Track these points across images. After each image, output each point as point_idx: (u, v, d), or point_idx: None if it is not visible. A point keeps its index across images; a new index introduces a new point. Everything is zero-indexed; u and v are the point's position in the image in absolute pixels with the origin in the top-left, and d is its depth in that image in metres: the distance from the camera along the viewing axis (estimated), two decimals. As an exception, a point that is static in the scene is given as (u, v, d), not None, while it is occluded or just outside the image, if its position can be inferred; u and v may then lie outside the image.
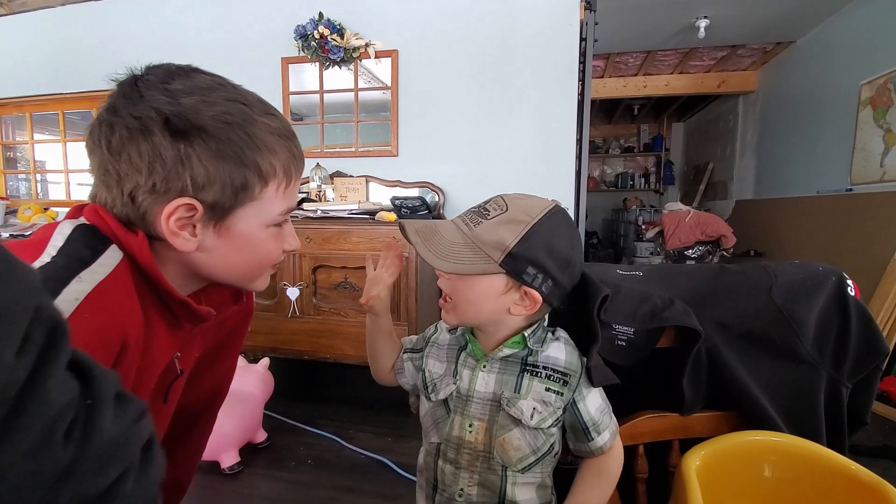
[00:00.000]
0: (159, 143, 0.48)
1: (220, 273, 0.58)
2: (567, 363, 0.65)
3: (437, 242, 0.62)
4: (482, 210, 0.63)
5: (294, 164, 0.58)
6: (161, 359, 0.55)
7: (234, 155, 0.51)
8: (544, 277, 0.61)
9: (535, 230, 0.60)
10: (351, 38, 2.46)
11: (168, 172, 0.49)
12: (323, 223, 2.09)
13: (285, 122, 0.58)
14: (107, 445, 0.27)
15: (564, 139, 2.37)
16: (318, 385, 2.40)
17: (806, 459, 0.69)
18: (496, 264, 0.60)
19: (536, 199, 0.64)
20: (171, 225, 0.51)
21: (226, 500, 1.49)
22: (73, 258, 0.47)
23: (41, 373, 0.24)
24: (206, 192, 0.51)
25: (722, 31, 3.47)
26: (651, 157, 6.55)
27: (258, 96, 0.57)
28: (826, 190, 3.23)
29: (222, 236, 0.54)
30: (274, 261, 0.62)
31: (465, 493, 0.65)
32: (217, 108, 0.51)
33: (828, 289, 0.79)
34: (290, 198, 0.59)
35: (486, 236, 0.60)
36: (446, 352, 0.71)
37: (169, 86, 0.50)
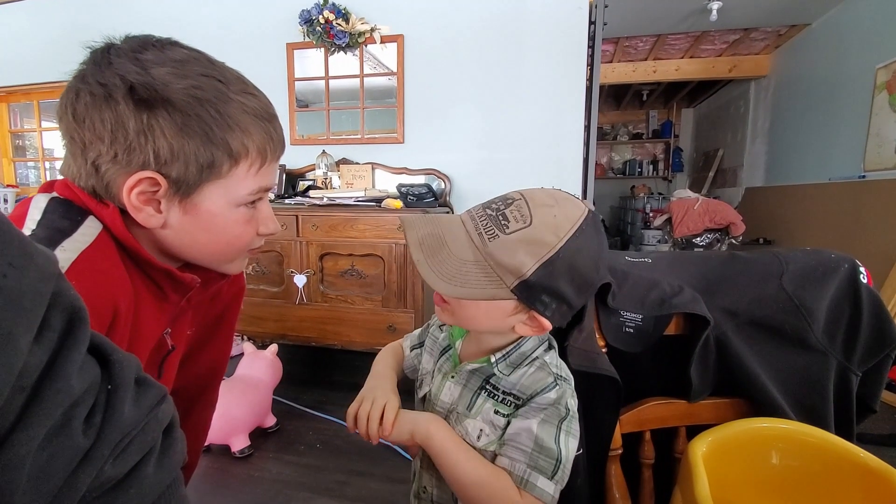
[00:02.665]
0: (122, 111, 0.47)
1: (189, 252, 0.57)
2: (523, 386, 0.57)
3: (443, 260, 0.53)
4: (500, 217, 0.53)
5: (270, 145, 0.56)
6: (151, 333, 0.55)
7: (202, 131, 0.49)
8: (559, 305, 0.54)
9: (560, 256, 0.51)
10: (356, 23, 2.43)
11: (130, 143, 0.48)
12: (329, 210, 2.09)
13: (266, 102, 0.56)
14: (127, 430, 0.27)
15: (572, 125, 2.35)
16: (325, 371, 2.43)
17: (814, 447, 0.69)
18: (507, 289, 0.52)
19: (566, 203, 0.53)
20: (133, 199, 0.49)
21: (237, 482, 1.52)
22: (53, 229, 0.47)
23: (60, 359, 0.24)
24: (169, 166, 0.49)
25: (735, 14, 3.39)
26: (660, 143, 6.47)
27: (240, 75, 0.55)
28: (839, 177, 3.17)
29: (188, 213, 0.53)
30: (246, 244, 0.59)
31: (427, 490, 0.65)
32: (187, 81, 0.49)
33: (840, 276, 0.78)
34: (263, 178, 0.56)
35: (501, 257, 0.51)
36: (438, 347, 0.69)
37: (140, 55, 0.49)
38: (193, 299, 0.62)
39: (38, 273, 0.23)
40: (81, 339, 0.26)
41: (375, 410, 0.59)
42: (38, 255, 0.24)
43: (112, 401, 0.27)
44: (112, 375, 0.28)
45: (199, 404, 0.78)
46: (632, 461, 0.78)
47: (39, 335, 0.23)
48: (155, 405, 0.30)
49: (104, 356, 0.28)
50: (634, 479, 0.78)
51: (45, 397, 0.24)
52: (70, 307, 0.25)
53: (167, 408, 0.31)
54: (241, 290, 0.75)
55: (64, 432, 0.24)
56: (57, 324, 0.25)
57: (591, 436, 0.72)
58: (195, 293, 0.61)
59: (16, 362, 0.22)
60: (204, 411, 0.80)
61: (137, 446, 0.28)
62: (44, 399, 0.24)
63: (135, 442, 0.28)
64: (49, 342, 0.24)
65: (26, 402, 0.23)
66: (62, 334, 0.25)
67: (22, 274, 0.22)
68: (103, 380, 0.27)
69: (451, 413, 0.61)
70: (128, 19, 2.75)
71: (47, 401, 0.24)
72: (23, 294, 0.22)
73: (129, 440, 0.27)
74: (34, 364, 0.23)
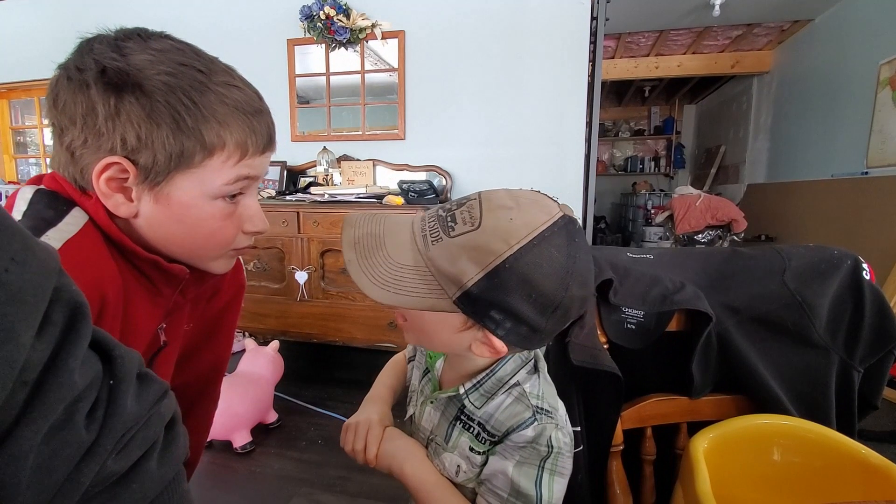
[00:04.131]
0: (94, 95, 0.47)
1: (167, 246, 0.55)
2: (497, 422, 0.51)
3: (377, 263, 0.47)
4: (449, 219, 0.47)
5: (252, 139, 0.54)
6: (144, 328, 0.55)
7: (171, 119, 0.48)
8: (515, 324, 0.46)
9: (508, 267, 0.43)
10: (357, 19, 2.42)
11: (99, 127, 0.48)
12: (330, 207, 2.09)
13: (252, 96, 0.54)
14: (129, 425, 0.27)
15: (574, 121, 2.34)
16: (327, 367, 2.43)
17: (815, 443, 0.69)
18: (449, 301, 0.45)
19: (530, 207, 0.46)
20: (101, 184, 0.49)
21: (238, 477, 1.52)
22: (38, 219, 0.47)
23: (62, 354, 0.24)
24: (137, 153, 0.48)
25: (738, 9, 3.37)
26: (661, 140, 6.45)
27: (229, 68, 0.54)
28: (841, 173, 3.16)
29: (160, 203, 0.51)
30: (226, 242, 0.57)
31: None
32: (162, 67, 0.48)
33: (842, 272, 0.78)
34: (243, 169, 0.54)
35: (441, 262, 0.45)
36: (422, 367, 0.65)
37: (123, 43, 0.49)
38: (189, 294, 0.61)
39: (40, 268, 0.23)
40: (83, 334, 0.26)
41: (359, 440, 0.58)
42: (39, 250, 0.24)
43: (114, 396, 0.27)
44: (114, 370, 0.28)
45: (201, 402, 0.78)
46: (633, 457, 0.78)
47: (41, 330, 0.23)
48: (157, 401, 0.30)
49: (106, 351, 0.28)
50: (636, 475, 0.78)
51: (48, 392, 0.24)
52: (72, 302, 0.25)
53: (169, 403, 0.31)
54: (241, 287, 0.74)
55: (66, 427, 0.24)
56: (59, 319, 0.25)
57: (593, 432, 0.72)
58: (190, 288, 0.60)
59: (18, 357, 0.22)
60: (206, 408, 0.80)
61: (140, 441, 0.28)
62: (46, 394, 0.24)
63: (137, 437, 0.28)
64: (51, 337, 0.24)
65: (29, 396, 0.23)
66: (64, 329, 0.25)
67: (24, 269, 0.22)
68: (105, 375, 0.27)
69: (431, 442, 0.58)
70: (129, 15, 2.74)
71: (50, 396, 0.24)
72: (25, 289, 0.22)
73: (131, 435, 0.27)
74: (36, 359, 0.23)
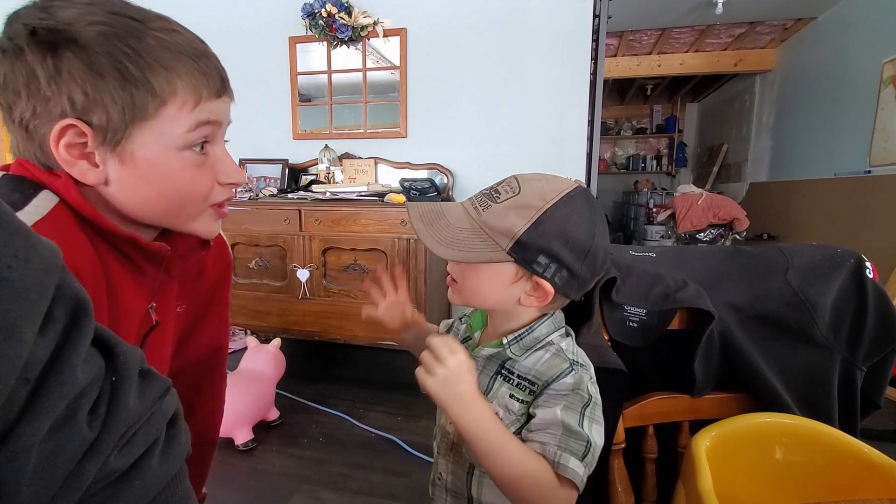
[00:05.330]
0: (30, 59, 0.45)
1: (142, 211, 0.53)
2: (538, 372, 0.58)
3: (441, 228, 0.58)
4: (493, 192, 0.59)
5: (204, 81, 0.52)
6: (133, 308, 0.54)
7: (116, 71, 0.46)
8: (558, 267, 0.56)
9: (549, 216, 0.55)
10: (359, 16, 2.42)
11: (43, 92, 0.45)
12: (332, 205, 2.09)
13: (193, 38, 0.53)
14: (131, 422, 0.27)
15: (576, 120, 2.33)
16: (328, 365, 2.44)
17: (817, 441, 0.69)
18: (504, 252, 0.55)
19: (554, 179, 0.59)
20: (61, 152, 0.47)
21: (240, 474, 1.53)
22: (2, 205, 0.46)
23: (64, 351, 0.24)
24: (90, 112, 0.47)
25: (740, 7, 3.36)
26: (664, 138, 6.43)
27: (162, 15, 0.52)
28: (844, 172, 3.15)
29: (126, 164, 0.49)
30: (203, 195, 0.55)
31: (442, 477, 0.67)
32: (93, 17, 0.46)
33: (845, 271, 0.78)
34: (202, 113, 0.52)
35: (494, 222, 0.56)
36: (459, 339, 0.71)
37: (48, 3, 0.46)
38: (174, 271, 0.59)
39: (42, 265, 0.23)
40: (86, 332, 0.26)
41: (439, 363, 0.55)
42: (42, 247, 0.24)
43: (116, 393, 0.27)
44: (116, 367, 0.28)
45: (208, 382, 0.77)
46: (635, 455, 0.78)
47: (44, 327, 0.23)
48: (159, 397, 0.30)
49: (108, 348, 0.28)
50: (637, 473, 0.78)
51: (50, 389, 0.24)
52: (74, 299, 0.25)
53: (171, 400, 0.31)
54: (228, 265, 0.73)
55: (69, 424, 0.24)
56: (61, 316, 0.24)
57: (594, 430, 0.72)
58: (175, 264, 0.58)
59: (21, 354, 0.22)
60: (215, 389, 0.80)
61: (142, 438, 0.28)
62: (49, 391, 0.24)
63: (139, 434, 0.28)
64: (54, 334, 0.24)
65: (31, 393, 0.23)
66: (66, 326, 0.25)
67: (26, 266, 0.22)
68: (107, 372, 0.27)
69: None
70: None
71: (52, 392, 0.24)
72: (27, 286, 0.22)
73: (133, 432, 0.28)
74: (39, 356, 0.23)
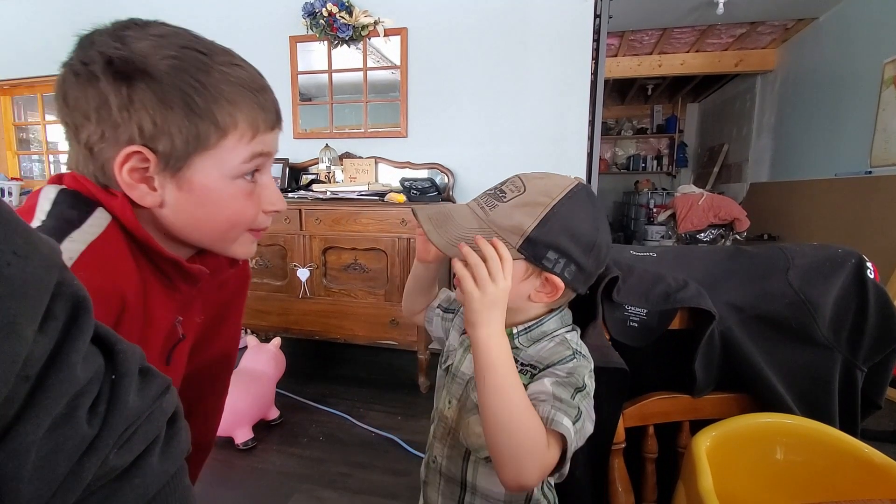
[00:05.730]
0: (104, 87, 0.47)
1: (191, 233, 0.55)
2: (541, 357, 0.60)
3: (450, 229, 0.59)
4: (498, 192, 0.60)
5: (262, 115, 0.54)
6: (163, 322, 0.55)
7: (183, 102, 0.49)
8: (566, 262, 0.57)
9: (555, 212, 0.56)
10: (360, 16, 2.42)
11: (114, 119, 0.48)
12: (332, 204, 2.09)
13: (254, 73, 0.55)
14: (131, 420, 0.27)
15: (576, 120, 2.33)
16: (328, 364, 2.44)
17: (818, 442, 0.69)
18: (514, 249, 0.56)
19: (556, 177, 0.60)
20: (124, 176, 0.49)
21: (240, 474, 1.53)
22: (62, 220, 0.47)
23: (64, 348, 0.24)
24: (156, 140, 0.49)
25: (741, 7, 3.35)
26: (664, 138, 6.42)
27: (226, 48, 0.54)
28: (844, 172, 3.15)
29: (183, 189, 0.52)
30: (249, 221, 0.58)
31: (437, 460, 0.68)
32: (166, 52, 0.49)
33: (846, 271, 0.78)
34: (257, 145, 0.55)
35: (502, 220, 0.57)
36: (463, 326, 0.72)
37: (122, 33, 0.49)
38: (203, 287, 0.62)
39: (42, 262, 0.23)
40: (85, 329, 0.26)
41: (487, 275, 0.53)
42: (42, 244, 0.24)
43: (116, 390, 0.27)
44: (116, 365, 0.28)
45: (212, 390, 0.78)
46: (635, 455, 0.78)
47: (44, 324, 0.23)
48: (159, 395, 0.30)
49: (108, 346, 0.28)
50: (637, 473, 0.78)
51: (50, 386, 0.24)
52: (74, 297, 0.25)
53: (171, 398, 0.31)
54: (247, 277, 0.75)
55: (69, 421, 0.24)
56: (61, 313, 0.24)
57: (596, 427, 0.72)
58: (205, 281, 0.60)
59: (20, 351, 0.21)
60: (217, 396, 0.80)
61: (142, 436, 0.28)
62: (48, 388, 0.23)
63: (139, 431, 0.28)
64: (53, 332, 0.24)
65: (31, 391, 0.23)
66: (66, 324, 0.25)
67: (26, 263, 0.22)
68: (107, 369, 0.27)
69: (470, 382, 0.64)
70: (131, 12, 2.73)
71: (52, 390, 0.24)
72: (27, 283, 0.22)
73: (133, 430, 0.27)
74: (38, 353, 0.23)
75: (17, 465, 0.22)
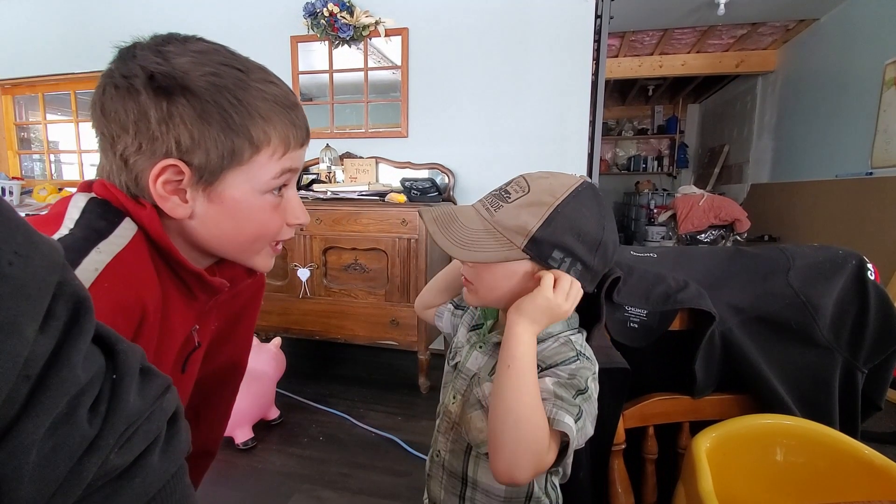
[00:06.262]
0: (144, 101, 0.48)
1: (217, 244, 0.57)
2: (544, 356, 0.59)
3: (455, 231, 0.59)
4: (503, 193, 0.60)
5: (294, 132, 0.56)
6: (180, 330, 0.56)
7: (221, 118, 0.50)
8: (573, 261, 0.58)
9: (560, 211, 0.56)
10: (360, 16, 2.42)
11: (152, 132, 0.49)
12: (333, 204, 2.09)
13: (287, 91, 0.56)
14: (132, 420, 0.27)
15: (577, 120, 2.33)
16: (329, 365, 2.44)
17: (818, 443, 0.69)
18: (519, 250, 0.57)
19: (562, 176, 0.61)
20: (158, 188, 0.50)
21: (240, 473, 1.53)
22: (91, 230, 0.47)
23: (65, 348, 0.24)
24: (192, 154, 0.50)
25: (742, 8, 3.35)
26: (665, 139, 6.42)
27: (261, 66, 0.55)
28: (845, 174, 3.15)
29: (214, 202, 0.53)
30: (273, 234, 0.59)
31: (441, 455, 0.69)
32: (206, 69, 0.50)
33: (847, 272, 0.78)
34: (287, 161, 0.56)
35: (507, 221, 0.58)
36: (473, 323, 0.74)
37: (163, 48, 0.50)
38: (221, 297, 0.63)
39: (43, 262, 0.23)
40: (86, 329, 0.26)
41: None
42: (43, 244, 0.24)
43: (117, 390, 0.27)
44: (117, 365, 0.28)
45: (222, 396, 0.79)
46: (635, 456, 0.78)
47: (45, 324, 0.23)
48: (160, 395, 0.30)
49: (109, 346, 0.28)
50: (638, 473, 0.78)
51: (51, 386, 0.24)
52: (75, 297, 0.25)
53: (171, 397, 0.31)
54: (261, 285, 0.76)
55: (69, 421, 0.24)
56: (62, 313, 0.24)
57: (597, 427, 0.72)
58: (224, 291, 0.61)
59: (21, 351, 0.21)
60: (227, 403, 0.81)
61: (143, 435, 0.28)
62: (49, 388, 0.24)
63: (140, 431, 0.28)
64: (54, 331, 0.24)
65: (32, 390, 0.23)
66: (67, 323, 0.25)
67: (27, 262, 0.22)
68: (108, 369, 0.27)
69: (474, 378, 0.65)
70: (132, 11, 2.74)
71: (53, 389, 0.24)
72: (28, 282, 0.22)
73: (134, 429, 0.27)
74: (40, 353, 0.23)
75: (18, 465, 0.22)
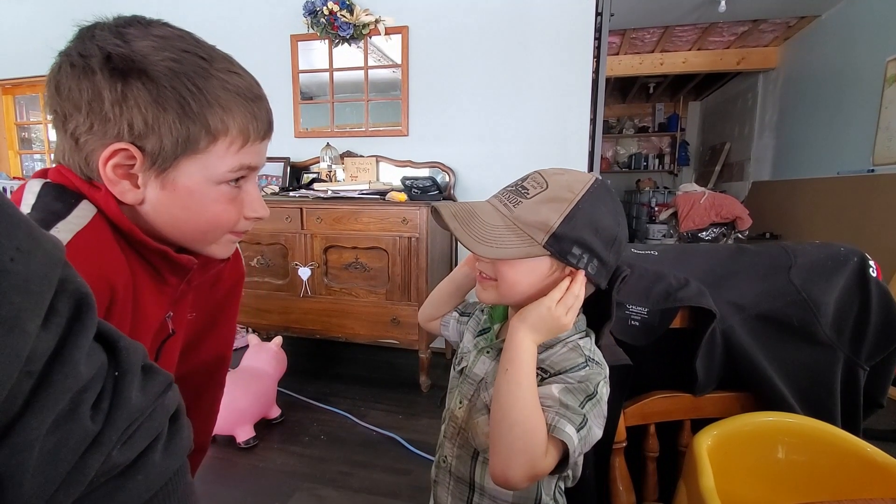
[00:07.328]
0: (99, 81, 0.47)
1: (171, 231, 0.55)
2: (553, 362, 0.59)
3: (477, 226, 0.58)
4: (520, 188, 0.60)
5: (254, 125, 0.55)
6: (153, 316, 0.56)
7: (178, 105, 0.49)
8: (590, 257, 0.58)
9: (580, 207, 0.56)
10: (360, 14, 2.42)
11: (105, 113, 0.48)
12: (333, 203, 2.09)
13: (251, 83, 0.56)
14: (134, 417, 0.27)
15: (578, 118, 2.33)
16: (330, 363, 2.44)
17: (820, 441, 0.69)
18: (540, 246, 0.57)
19: (575, 173, 0.61)
20: (108, 171, 0.49)
21: (241, 472, 1.53)
22: (47, 212, 0.47)
23: (68, 344, 0.24)
24: (145, 139, 0.49)
25: (743, 5, 3.34)
26: (666, 137, 6.41)
27: (227, 56, 0.55)
28: (847, 171, 3.14)
29: (166, 189, 0.52)
30: (228, 224, 0.58)
31: (447, 460, 0.68)
32: (165, 54, 0.49)
33: (849, 270, 0.77)
34: (245, 157, 0.55)
35: (528, 217, 0.57)
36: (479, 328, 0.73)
37: (124, 30, 0.49)
38: (193, 281, 0.62)
39: (45, 258, 0.23)
40: (89, 325, 0.26)
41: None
42: (45, 240, 0.24)
43: (119, 387, 0.27)
44: (119, 362, 0.28)
45: (207, 390, 0.78)
46: (636, 454, 0.78)
47: (47, 320, 0.23)
48: (161, 392, 0.30)
49: (111, 343, 0.28)
50: (639, 472, 0.78)
51: (54, 382, 0.24)
52: (77, 293, 0.25)
53: (173, 395, 0.31)
54: (241, 276, 0.75)
55: (72, 417, 0.24)
56: (64, 309, 0.24)
57: (597, 426, 0.72)
58: (195, 275, 0.60)
59: (24, 347, 0.21)
60: (213, 397, 0.81)
61: (145, 432, 0.28)
62: (52, 384, 0.24)
63: (142, 428, 0.28)
64: (57, 328, 0.24)
65: (34, 387, 0.23)
66: (70, 320, 0.25)
67: (29, 259, 0.22)
68: (110, 366, 0.27)
69: (481, 383, 0.65)
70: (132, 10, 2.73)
71: (55, 386, 0.24)
72: (30, 279, 0.22)
73: (136, 426, 0.28)
74: (42, 349, 0.23)
75: (21, 461, 0.22)
